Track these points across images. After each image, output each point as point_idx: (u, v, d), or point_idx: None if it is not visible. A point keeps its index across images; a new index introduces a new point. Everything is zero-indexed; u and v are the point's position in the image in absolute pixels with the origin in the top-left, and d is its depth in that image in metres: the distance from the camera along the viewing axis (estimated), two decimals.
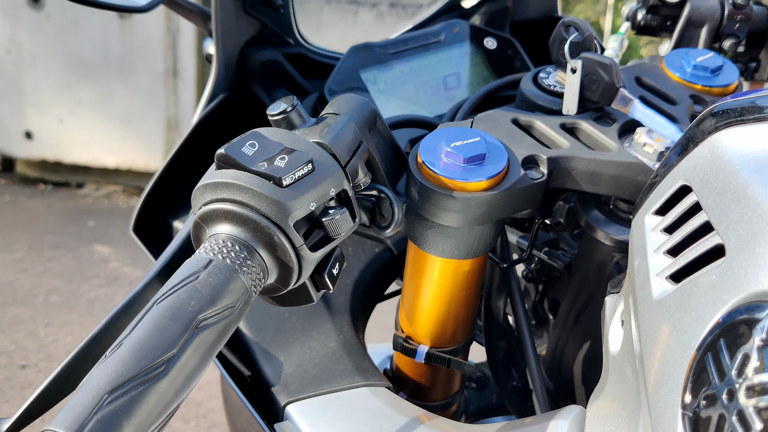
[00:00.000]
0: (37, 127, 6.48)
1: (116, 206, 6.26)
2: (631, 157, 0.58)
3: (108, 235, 5.26)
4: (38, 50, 6.32)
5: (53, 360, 3.12)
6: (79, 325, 3.51)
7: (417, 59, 0.87)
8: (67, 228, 5.42)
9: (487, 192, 0.55)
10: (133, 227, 0.78)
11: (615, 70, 0.60)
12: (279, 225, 0.45)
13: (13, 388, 2.92)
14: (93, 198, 6.54)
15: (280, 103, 0.54)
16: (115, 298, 3.96)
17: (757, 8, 0.78)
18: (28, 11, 6.22)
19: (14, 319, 3.54)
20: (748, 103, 0.40)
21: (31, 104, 6.39)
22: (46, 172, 6.79)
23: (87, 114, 6.26)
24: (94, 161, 6.41)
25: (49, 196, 6.49)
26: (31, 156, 6.57)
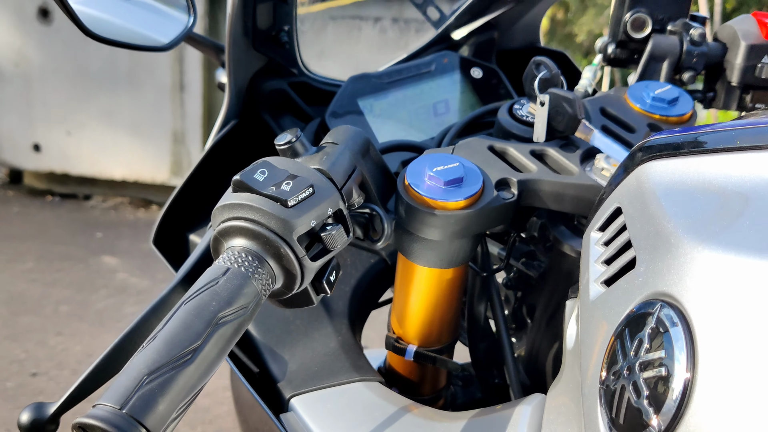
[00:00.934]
0: (45, 139, 6.58)
1: (123, 218, 6.35)
2: (591, 180, 0.66)
3: (116, 246, 5.35)
4: (47, 64, 6.44)
5: (63, 368, 3.20)
6: (88, 334, 3.59)
7: (410, 87, 0.95)
8: (75, 239, 5.51)
9: (464, 210, 0.63)
10: (153, 240, 0.87)
11: (578, 104, 0.68)
12: (285, 239, 0.53)
13: (25, 395, 2.99)
14: (100, 209, 6.63)
15: (286, 134, 0.62)
16: (124, 308, 4.03)
17: (713, 44, 0.86)
18: (38, 26, 6.33)
19: (25, 328, 3.62)
20: (669, 141, 0.48)
21: (39, 117, 6.49)
22: (54, 183, 6.90)
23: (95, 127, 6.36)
24: (102, 173, 6.51)
25: (57, 208, 6.59)
26: (39, 168, 6.67)
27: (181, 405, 0.46)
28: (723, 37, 0.85)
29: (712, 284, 0.32)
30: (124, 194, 6.78)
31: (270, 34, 0.86)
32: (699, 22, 0.87)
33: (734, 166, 0.40)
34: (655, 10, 0.86)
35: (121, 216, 6.44)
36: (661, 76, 0.85)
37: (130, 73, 6.28)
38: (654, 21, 0.86)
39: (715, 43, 0.85)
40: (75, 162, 6.50)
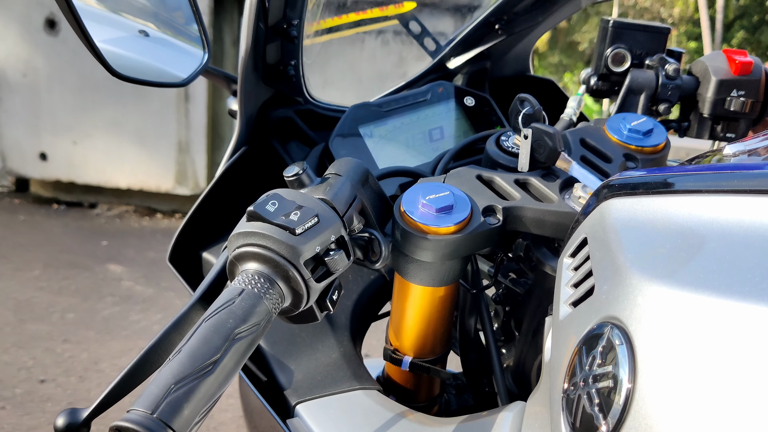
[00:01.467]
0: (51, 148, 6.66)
1: (128, 226, 6.42)
2: (569, 207, 0.73)
3: (121, 254, 5.41)
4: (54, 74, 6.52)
5: (71, 375, 3.26)
6: (95, 341, 3.65)
7: (407, 115, 1.02)
8: (81, 247, 5.58)
9: (454, 235, 0.70)
10: (169, 258, 0.93)
11: (557, 138, 0.75)
12: (293, 263, 0.60)
13: (33, 402, 3.05)
14: (105, 218, 6.71)
15: (293, 167, 0.69)
16: (129, 316, 4.09)
17: (687, 78, 0.93)
18: (45, 37, 6.42)
19: (33, 336, 3.68)
20: (629, 182, 0.54)
21: (46, 126, 6.57)
22: (60, 192, 6.97)
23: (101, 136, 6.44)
24: (107, 182, 6.59)
25: (62, 216, 6.66)
26: (45, 177, 6.75)
27: (203, 410, 0.52)
28: (696, 71, 0.91)
29: (652, 312, 0.39)
30: (129, 203, 6.86)
31: (278, 69, 0.93)
32: (675, 57, 0.94)
33: (683, 207, 0.46)
34: (634, 46, 0.93)
35: (126, 224, 6.51)
36: (639, 108, 0.91)
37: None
38: (633, 56, 0.93)
39: (688, 77, 0.92)
40: (81, 171, 6.58)
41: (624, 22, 0.92)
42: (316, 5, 0.97)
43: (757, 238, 0.40)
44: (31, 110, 6.59)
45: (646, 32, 0.92)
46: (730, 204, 0.43)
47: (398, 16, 1.11)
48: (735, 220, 0.42)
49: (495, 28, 1.09)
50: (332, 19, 1.07)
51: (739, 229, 0.41)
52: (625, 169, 0.80)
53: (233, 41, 6.51)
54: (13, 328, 3.81)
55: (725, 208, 0.42)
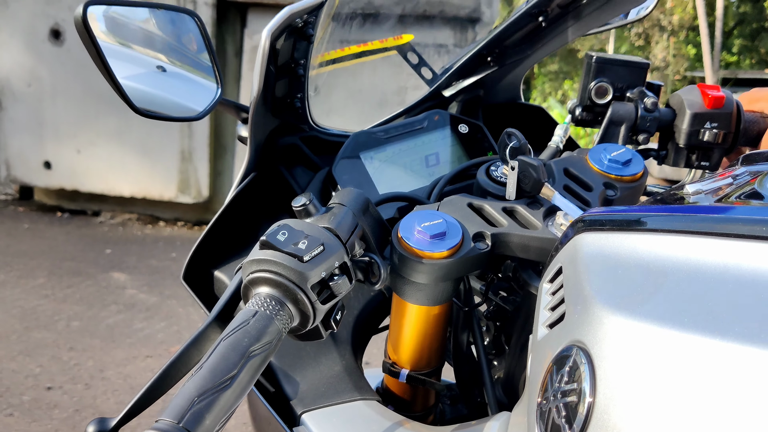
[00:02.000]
0: (55, 157, 6.74)
1: (131, 234, 6.50)
2: (551, 234, 0.79)
3: (124, 262, 5.48)
4: (58, 84, 6.60)
5: (77, 382, 3.33)
6: (100, 349, 3.71)
7: (405, 142, 1.09)
8: (85, 255, 5.65)
9: (446, 259, 0.76)
10: (183, 276, 1.00)
11: (541, 170, 0.81)
12: (301, 287, 0.67)
13: (41, 409, 3.11)
14: (109, 225, 6.78)
15: (301, 198, 0.76)
16: (133, 324, 4.14)
17: (664, 110, 1.00)
18: (49, 47, 6.51)
19: (38, 344, 3.74)
20: (600, 218, 0.61)
21: (50, 135, 6.66)
22: (64, 200, 7.05)
23: (104, 145, 6.52)
24: (111, 190, 6.67)
25: (66, 224, 6.74)
26: (49, 185, 6.83)
27: (222, 420, 0.59)
28: (673, 104, 0.98)
29: (611, 338, 0.46)
30: (132, 211, 6.94)
31: (285, 101, 1.01)
32: (654, 89, 1.01)
33: (645, 245, 0.52)
34: (616, 80, 1.00)
35: (129, 232, 6.59)
36: (620, 138, 0.98)
37: None
38: (615, 89, 1.00)
39: (666, 109, 0.99)
40: (84, 179, 6.66)
41: (606, 58, 0.99)
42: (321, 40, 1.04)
43: (707, 278, 0.46)
44: (35, 119, 6.67)
45: (627, 67, 1.00)
46: (685, 244, 0.49)
47: (397, 47, 1.18)
48: (689, 259, 0.48)
49: (487, 60, 1.16)
50: (335, 51, 1.14)
51: (693, 267, 0.48)
52: (605, 197, 0.86)
53: (235, 52, 6.59)
54: (20, 336, 3.87)
55: (681, 247, 0.49)
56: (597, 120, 1.02)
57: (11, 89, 6.73)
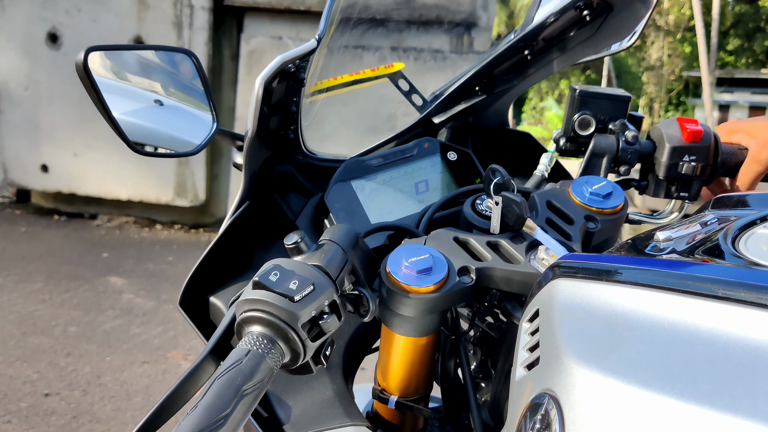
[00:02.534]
0: (52, 160, 6.77)
1: (128, 237, 6.52)
2: (533, 268, 0.83)
3: (121, 266, 5.51)
4: (55, 87, 6.63)
5: (74, 388, 3.35)
6: (97, 355, 3.73)
7: (395, 170, 1.12)
8: (82, 259, 5.67)
9: (432, 293, 0.80)
10: (180, 302, 1.03)
11: (524, 206, 0.85)
12: (292, 326, 0.70)
13: (38, 415, 3.14)
14: (106, 229, 6.81)
15: (293, 235, 0.79)
16: (130, 329, 4.17)
17: (645, 142, 1.03)
18: (46, 50, 6.53)
19: (36, 349, 3.77)
20: (575, 265, 0.64)
21: (47, 139, 6.68)
22: (61, 203, 7.08)
23: (101, 148, 6.54)
24: (108, 193, 6.69)
25: (63, 227, 6.76)
26: (46, 188, 6.86)
27: None
28: (653, 136, 1.02)
29: (579, 390, 0.49)
30: (129, 214, 6.97)
31: (279, 133, 1.04)
32: (636, 121, 1.04)
33: (616, 297, 0.55)
34: (598, 112, 1.03)
35: (126, 235, 6.61)
36: (602, 169, 1.02)
37: None
38: (597, 121, 1.03)
39: (646, 141, 1.02)
40: (82, 182, 6.68)
41: (589, 92, 1.03)
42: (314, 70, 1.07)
43: (666, 334, 0.50)
44: (32, 122, 6.69)
45: (609, 100, 1.03)
46: (650, 299, 0.52)
47: (388, 75, 1.21)
48: (652, 315, 0.51)
49: (475, 90, 1.19)
50: (327, 80, 1.17)
51: (655, 323, 0.50)
52: (586, 229, 0.90)
53: (232, 56, 6.62)
54: (17, 341, 3.90)
55: (646, 302, 0.52)
56: (580, 150, 1.05)
57: (8, 93, 6.75)
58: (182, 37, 6.26)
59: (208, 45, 6.29)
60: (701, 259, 0.56)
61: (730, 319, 0.47)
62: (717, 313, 0.47)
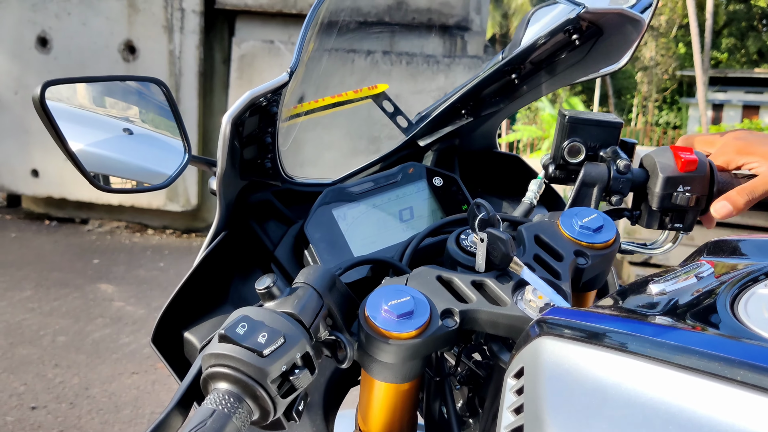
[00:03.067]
0: (43, 165, 6.71)
1: (119, 243, 6.47)
2: (519, 311, 0.78)
3: (112, 272, 5.45)
4: None
5: (62, 401, 3.30)
6: (85, 365, 3.68)
7: (378, 197, 1.08)
8: (72, 265, 5.61)
9: (414, 339, 0.75)
10: (152, 339, 0.99)
11: (510, 244, 0.80)
12: (260, 383, 0.66)
13: (24, 430, 3.08)
14: (97, 234, 6.75)
15: (265, 279, 0.75)
16: (119, 338, 4.12)
17: (637, 170, 0.99)
18: (36, 54, 6.47)
19: (23, 360, 3.72)
20: (561, 323, 0.60)
21: (37, 143, 6.62)
22: (52, 208, 7.02)
23: None
24: (99, 198, 6.63)
25: (54, 233, 6.71)
26: (37, 193, 6.80)
27: None
28: (646, 165, 0.97)
29: None
30: (120, 219, 6.91)
31: (255, 162, 1.00)
32: (628, 148, 1.00)
33: (602, 364, 0.51)
34: (588, 139, 0.99)
35: (117, 241, 6.55)
36: (592, 199, 0.97)
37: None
38: (587, 148, 0.99)
39: (639, 169, 0.98)
40: (72, 187, 6.62)
41: (579, 118, 0.98)
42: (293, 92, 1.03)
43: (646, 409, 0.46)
44: (22, 127, 6.63)
45: (599, 127, 0.98)
46: (635, 369, 0.48)
47: (372, 96, 1.17)
48: (634, 387, 0.47)
49: (461, 113, 1.15)
50: (308, 103, 1.12)
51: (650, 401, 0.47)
52: (575, 266, 0.85)
53: (223, 59, 6.56)
54: (5, 352, 3.84)
55: (630, 372, 0.48)
56: (570, 178, 1.01)
57: None
58: (173, 40, 6.21)
59: (199, 49, 6.24)
60: (697, 325, 0.52)
61: (726, 402, 0.43)
62: (712, 393, 0.43)
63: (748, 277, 0.57)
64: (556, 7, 1.03)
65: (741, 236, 0.74)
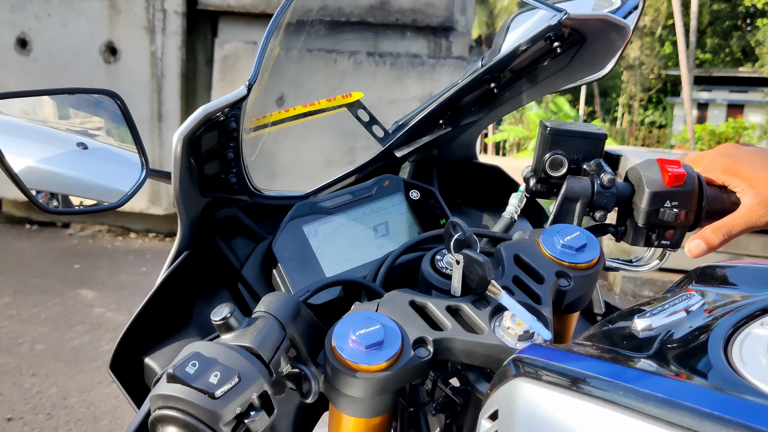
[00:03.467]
0: None
1: (101, 247, 6.37)
2: (497, 340, 0.73)
3: (93, 278, 5.36)
4: None
5: (38, 412, 3.22)
6: (63, 374, 3.60)
7: (352, 212, 1.02)
8: (53, 270, 5.51)
9: (384, 372, 0.70)
10: (110, 365, 0.93)
11: (487, 267, 0.75)
12: (212, 428, 0.60)
13: None
14: (78, 238, 6.65)
15: (222, 309, 0.69)
16: (100, 346, 4.04)
17: (622, 184, 0.93)
18: (16, 56, 6.36)
19: (0, 369, 3.64)
20: (538, 363, 0.55)
21: None
22: (33, 211, 6.90)
23: None
24: None
25: (34, 237, 6.59)
26: (17, 197, 6.67)
27: None
28: (632, 178, 0.92)
29: None
30: (102, 222, 6.81)
31: (219, 178, 0.94)
32: (612, 160, 0.95)
33: (578, 414, 0.46)
34: (571, 151, 0.94)
35: (99, 245, 6.45)
36: (575, 215, 0.92)
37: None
38: (570, 161, 0.94)
39: (624, 183, 0.93)
40: None
41: (561, 129, 0.93)
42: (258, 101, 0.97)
43: None
44: None
45: (583, 138, 0.93)
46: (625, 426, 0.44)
47: (346, 105, 1.11)
48: None
49: (439, 123, 1.10)
50: (278, 113, 1.07)
51: None
52: (557, 288, 0.81)
53: (206, 60, 6.49)
54: None
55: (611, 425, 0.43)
56: (552, 191, 0.96)
57: None
58: (155, 42, 6.13)
59: (181, 50, 6.16)
60: (686, 373, 0.46)
61: None
62: None
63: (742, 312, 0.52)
64: (536, 13, 0.99)
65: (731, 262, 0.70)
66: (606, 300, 1.10)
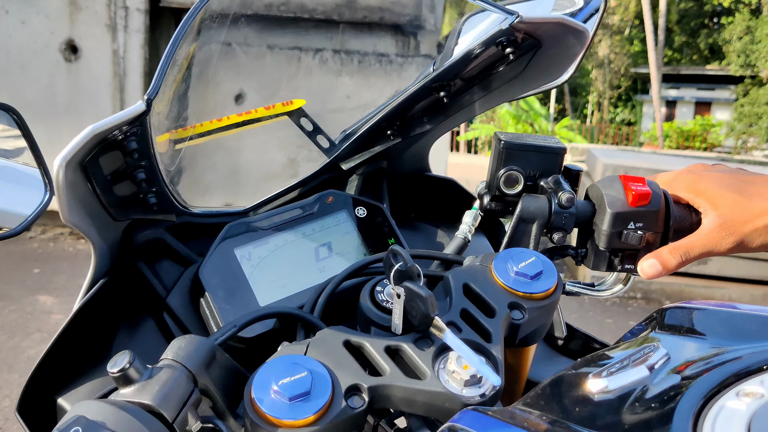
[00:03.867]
0: None
1: (62, 250, 6.19)
2: (441, 386, 0.65)
3: (53, 283, 5.20)
4: None
5: None
6: (18, 385, 3.47)
7: (291, 232, 0.94)
8: (11, 275, 5.34)
9: (310, 427, 0.62)
10: (18, 408, 0.83)
11: (430, 302, 0.67)
12: None
13: None
14: (39, 241, 6.46)
15: (121, 359, 0.60)
16: None
17: (582, 203, 0.86)
18: None
19: None
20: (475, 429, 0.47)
21: None
22: None
23: None
24: None
25: None
26: None
27: None
28: (593, 197, 0.84)
29: None
30: (64, 225, 6.64)
31: (138, 198, 0.84)
32: (572, 177, 0.87)
33: None
34: (527, 167, 0.86)
35: (60, 248, 6.27)
36: (531, 238, 0.84)
37: (70, 102, 6.14)
38: (526, 177, 0.86)
39: (584, 202, 0.85)
40: None
41: (517, 144, 0.85)
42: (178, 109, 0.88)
43: None
44: None
45: (540, 153, 0.85)
46: None
47: (288, 113, 1.02)
48: None
49: (387, 134, 1.01)
50: (210, 122, 0.97)
51: None
52: (510, 322, 0.72)
53: None
54: None
55: None
56: (508, 210, 0.88)
57: None
58: (117, 40, 5.97)
59: (144, 48, 6.01)
60: None
61: None
62: None
63: (714, 377, 0.44)
64: (489, 15, 0.90)
65: (701, 303, 0.62)
66: (567, 322, 1.02)
